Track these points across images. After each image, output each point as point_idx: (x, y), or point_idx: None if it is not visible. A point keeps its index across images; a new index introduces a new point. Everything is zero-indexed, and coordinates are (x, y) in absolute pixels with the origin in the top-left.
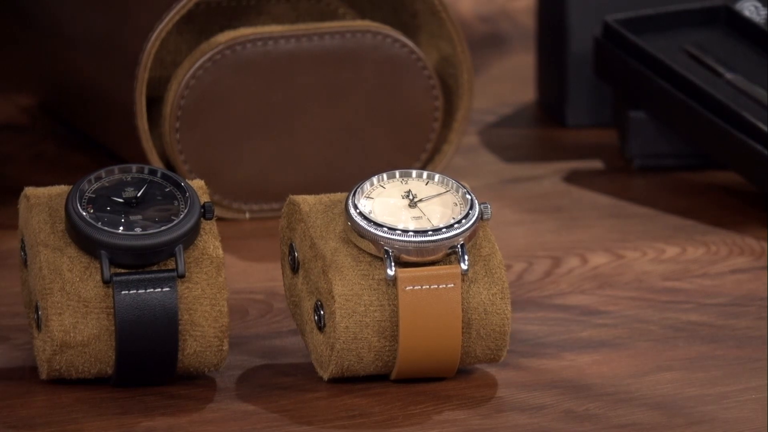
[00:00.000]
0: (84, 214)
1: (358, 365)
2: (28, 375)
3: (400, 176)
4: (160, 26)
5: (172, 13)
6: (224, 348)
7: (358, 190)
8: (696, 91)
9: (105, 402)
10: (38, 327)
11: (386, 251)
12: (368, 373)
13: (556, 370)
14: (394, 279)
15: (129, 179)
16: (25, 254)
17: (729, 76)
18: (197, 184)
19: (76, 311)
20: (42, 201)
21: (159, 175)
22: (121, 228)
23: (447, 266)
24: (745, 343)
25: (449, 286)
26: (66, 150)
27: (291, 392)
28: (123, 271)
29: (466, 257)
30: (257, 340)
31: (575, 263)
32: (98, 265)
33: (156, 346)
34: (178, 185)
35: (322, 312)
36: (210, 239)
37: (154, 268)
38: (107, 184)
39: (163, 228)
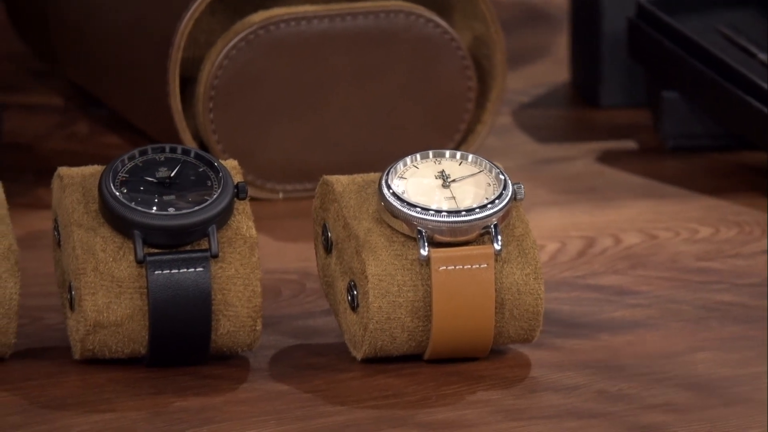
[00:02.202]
0: (117, 193)
1: (391, 345)
2: (61, 355)
3: (434, 156)
4: (194, 6)
5: None
6: (257, 328)
7: (392, 170)
8: (729, 71)
9: (138, 382)
10: (71, 307)
11: (419, 231)
12: (401, 353)
13: (589, 350)
14: (428, 259)
15: (162, 159)
16: (59, 234)
17: (762, 56)
18: (230, 164)
19: (109, 291)
20: (75, 181)
21: (192, 155)
22: (155, 208)
23: (480, 246)
24: None
25: (482, 266)
26: (99, 130)
27: (324, 372)
28: (156, 251)
29: (499, 237)
30: (290, 320)
31: (608, 243)
32: (131, 245)
33: (189, 326)
34: (211, 165)
35: (355, 292)
36: (243, 219)
37: (188, 248)
38: (141, 164)
39: (196, 208)
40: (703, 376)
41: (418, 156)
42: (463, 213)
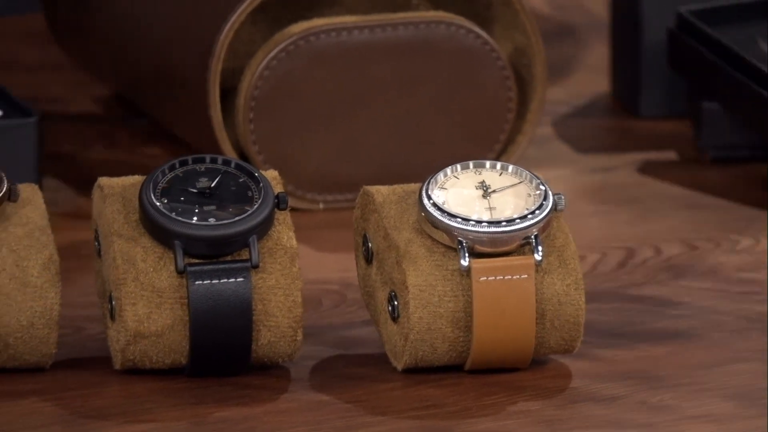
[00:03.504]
0: (158, 204)
1: (432, 356)
2: (102, 365)
3: (474, 167)
4: (234, 17)
5: (245, 4)
6: (298, 338)
7: (432, 180)
8: None
9: (179, 392)
10: (112, 317)
11: (460, 242)
12: (442, 363)
13: (630, 360)
14: (468, 270)
15: (203, 170)
16: (99, 244)
17: None
18: (271, 175)
19: (149, 301)
20: (116, 191)
21: (233, 165)
22: (195, 218)
23: (521, 257)
24: None
25: (523, 276)
26: (140, 140)
27: (365, 383)
28: (197, 261)
29: (540, 248)
30: (331, 330)
31: (649, 254)
32: (172, 256)
33: (230, 336)
34: (251, 176)
35: (396, 302)
36: (284, 230)
37: (228, 258)
38: (181, 175)
39: (237, 218)
40: (743, 387)
41: (458, 166)
42: (504, 223)
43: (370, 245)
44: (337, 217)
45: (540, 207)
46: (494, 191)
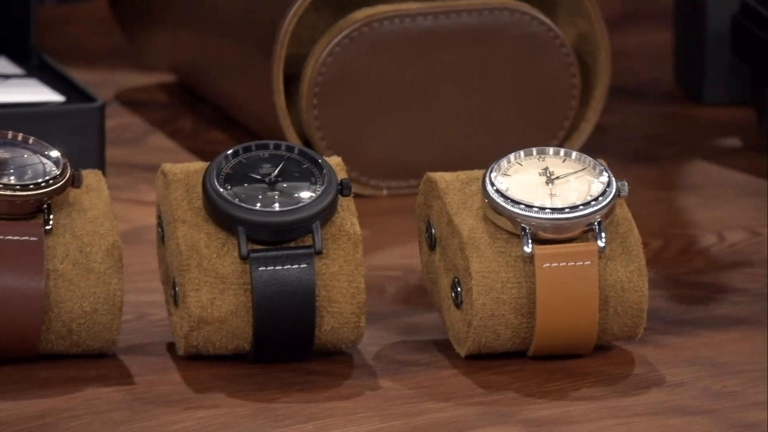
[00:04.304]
0: (221, 190)
1: (495, 342)
2: (165, 351)
3: (537, 154)
4: (298, 3)
5: None
6: (361, 324)
7: (495, 167)
8: None
9: (242, 378)
10: (175, 303)
11: (523, 228)
12: (505, 349)
13: (693, 347)
14: (532, 256)
15: (266, 156)
16: (163, 231)
17: None
18: (334, 161)
19: (213, 287)
20: (179, 177)
21: (296, 151)
22: (259, 204)
23: (584, 243)
24: None
25: (586, 263)
26: (203, 126)
27: (428, 369)
28: (260, 247)
29: (603, 234)
30: (394, 316)
31: (712, 240)
32: (235, 242)
33: (293, 322)
34: (315, 162)
35: (459, 289)
36: (347, 216)
37: (291, 244)
38: (244, 161)
39: (300, 204)
40: None
41: (521, 153)
42: (567, 210)
43: (433, 231)
44: (401, 203)
45: (603, 193)
46: (557, 178)
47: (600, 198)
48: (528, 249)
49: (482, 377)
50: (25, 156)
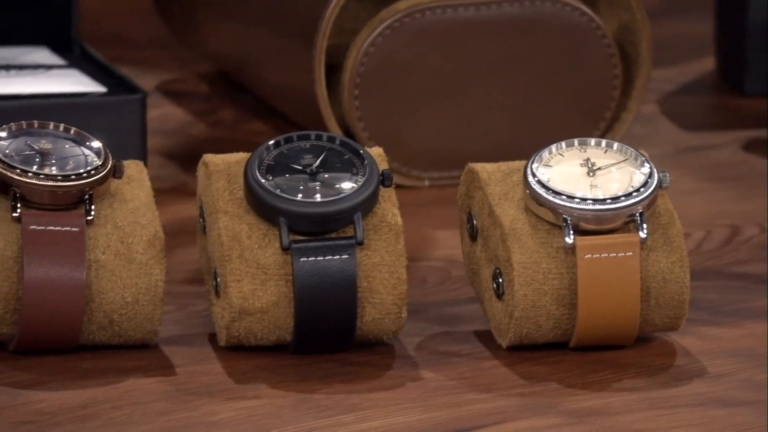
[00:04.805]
0: (263, 181)
1: (536, 333)
2: (207, 342)
3: (579, 144)
4: None
5: None
6: (403, 315)
7: (537, 158)
8: None
9: (283, 369)
10: (217, 294)
11: (565, 219)
12: (547, 340)
13: (735, 338)
14: (573, 247)
15: (308, 146)
16: (204, 221)
17: None
18: (376, 152)
19: (254, 278)
20: (220, 168)
21: (338, 142)
22: (300, 195)
23: (626, 234)
24: None
25: (628, 254)
26: (244, 117)
27: (469, 360)
28: (302, 238)
29: (644, 225)
30: (436, 307)
31: (754, 231)
32: (277, 232)
33: (335, 313)
34: (356, 153)
35: (500, 280)
36: (389, 207)
37: (333, 235)
38: (286, 152)
39: (342, 195)
40: None
41: (563, 144)
42: (609, 201)
43: (475, 222)
44: (442, 194)
45: (645, 184)
46: (599, 169)
47: (642, 189)
48: (569, 240)
49: (523, 368)
50: (67, 147)
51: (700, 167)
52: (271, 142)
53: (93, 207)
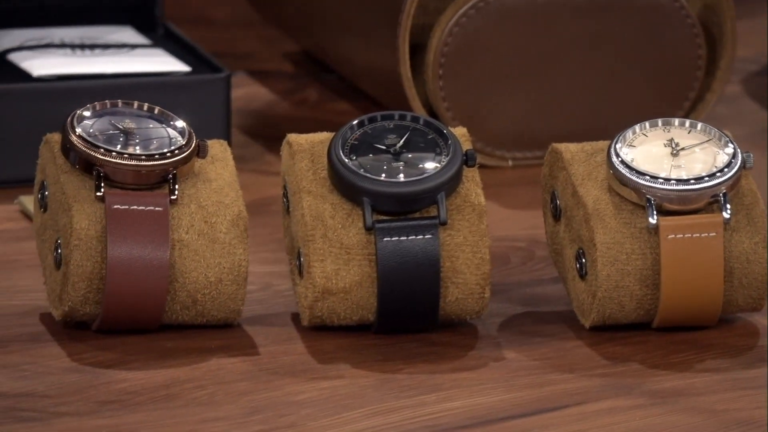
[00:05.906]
0: (347, 161)
1: (619, 313)
2: (289, 322)
3: (663, 125)
4: None
5: None
6: (486, 295)
7: (621, 138)
8: None
9: (366, 349)
10: (300, 273)
11: (648, 199)
12: (629, 321)
13: None
14: (656, 227)
15: (391, 126)
16: (288, 201)
17: None
18: (460, 132)
19: (338, 258)
20: (304, 148)
21: (421, 122)
22: (384, 175)
23: (709, 215)
24: None
25: (711, 234)
26: (328, 97)
27: (552, 340)
28: (385, 218)
29: (728, 206)
30: (519, 287)
31: None
32: (360, 212)
33: (418, 293)
34: (440, 132)
35: (584, 260)
36: (472, 186)
37: (416, 215)
38: (370, 131)
39: (425, 175)
40: None
41: (647, 124)
42: (692, 181)
43: (558, 202)
44: (526, 174)
45: (728, 165)
46: (683, 149)
47: (725, 169)
48: (653, 220)
49: (606, 349)
50: (151, 126)
51: None
52: (355, 122)
53: (177, 186)
